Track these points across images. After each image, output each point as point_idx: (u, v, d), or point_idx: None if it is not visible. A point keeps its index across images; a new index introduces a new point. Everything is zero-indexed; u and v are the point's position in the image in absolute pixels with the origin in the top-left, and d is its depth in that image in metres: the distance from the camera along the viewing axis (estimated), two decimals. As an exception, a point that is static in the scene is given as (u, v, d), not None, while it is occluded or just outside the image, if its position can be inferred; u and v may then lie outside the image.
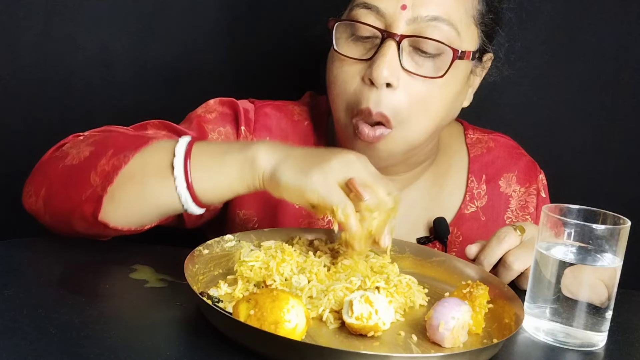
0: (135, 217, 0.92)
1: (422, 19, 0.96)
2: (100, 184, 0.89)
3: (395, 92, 0.98)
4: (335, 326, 0.80)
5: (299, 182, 0.84)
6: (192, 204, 0.89)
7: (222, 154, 0.90)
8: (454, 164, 1.17)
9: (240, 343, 0.73)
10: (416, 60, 0.98)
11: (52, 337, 0.72)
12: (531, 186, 1.18)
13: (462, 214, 1.15)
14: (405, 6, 0.96)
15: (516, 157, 1.20)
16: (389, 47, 0.96)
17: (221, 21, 1.39)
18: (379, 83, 0.96)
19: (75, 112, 1.39)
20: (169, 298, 0.84)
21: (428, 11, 0.96)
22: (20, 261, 0.92)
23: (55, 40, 1.36)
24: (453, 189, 1.16)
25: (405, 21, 0.96)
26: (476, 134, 1.21)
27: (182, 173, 0.88)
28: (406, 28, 0.96)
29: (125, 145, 0.92)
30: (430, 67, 0.98)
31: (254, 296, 0.75)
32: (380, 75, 0.96)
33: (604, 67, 1.42)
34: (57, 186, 0.94)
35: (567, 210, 0.86)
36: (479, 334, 0.82)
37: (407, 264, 0.99)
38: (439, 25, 0.96)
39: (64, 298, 0.81)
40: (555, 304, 0.84)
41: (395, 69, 0.97)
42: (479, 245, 0.97)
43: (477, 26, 1.02)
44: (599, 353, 0.84)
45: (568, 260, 0.83)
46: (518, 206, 1.17)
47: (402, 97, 0.98)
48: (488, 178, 1.17)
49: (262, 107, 1.14)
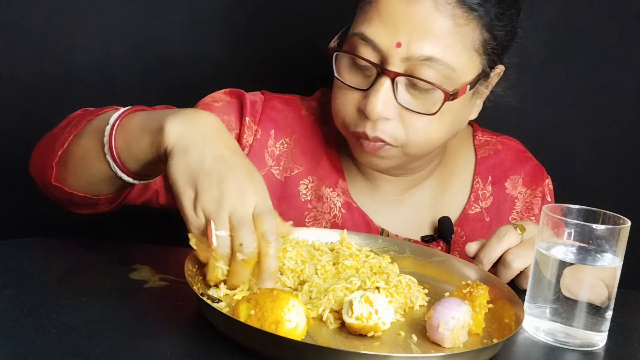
0: (84, 182, 0.94)
1: (415, 58, 0.96)
2: (57, 150, 0.94)
3: (390, 123, 0.99)
4: (336, 326, 0.80)
5: (177, 188, 0.80)
6: (121, 172, 0.90)
7: (145, 122, 0.88)
8: (460, 165, 1.18)
9: (240, 343, 0.73)
10: (411, 93, 0.99)
11: (52, 337, 0.72)
12: (537, 189, 1.19)
13: (467, 214, 1.15)
14: (400, 44, 0.96)
15: (523, 160, 1.20)
16: (383, 82, 0.97)
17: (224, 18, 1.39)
18: (372, 117, 0.98)
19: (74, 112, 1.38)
20: (169, 298, 0.84)
21: (422, 51, 0.96)
22: (20, 261, 0.92)
23: (55, 40, 1.36)
24: (458, 190, 1.17)
25: (400, 58, 0.96)
26: (485, 136, 1.21)
27: (108, 141, 0.89)
28: (401, 65, 0.97)
29: (86, 115, 0.97)
30: (425, 100, 0.99)
31: (254, 296, 0.75)
32: (374, 110, 0.97)
33: (604, 68, 1.42)
34: (38, 152, 1.02)
35: (567, 210, 0.86)
36: (479, 334, 0.82)
37: (407, 264, 0.99)
38: (433, 65, 0.96)
39: (64, 298, 0.81)
40: (555, 304, 0.84)
41: (390, 104, 0.98)
42: (478, 243, 0.97)
43: (480, 55, 1.01)
44: (599, 353, 0.84)
45: (568, 260, 0.83)
46: (523, 208, 1.18)
47: (398, 127, 0.99)
48: (494, 180, 1.17)
49: (270, 99, 1.14)
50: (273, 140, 1.12)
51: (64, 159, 0.94)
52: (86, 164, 0.92)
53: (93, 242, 0.99)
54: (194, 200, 0.79)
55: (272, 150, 1.12)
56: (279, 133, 1.12)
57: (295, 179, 1.12)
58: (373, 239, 1.02)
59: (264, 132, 1.11)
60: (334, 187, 1.13)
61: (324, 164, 1.13)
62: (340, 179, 1.13)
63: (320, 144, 1.14)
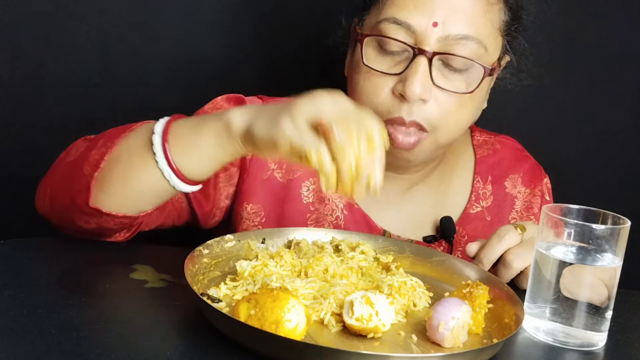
0: (126, 200, 0.92)
1: (452, 37, 0.97)
2: (90, 173, 0.91)
3: (427, 104, 0.99)
4: (337, 329, 0.80)
5: (270, 132, 0.81)
6: (177, 180, 0.89)
7: (199, 125, 0.89)
8: (460, 165, 1.18)
9: (240, 343, 0.73)
10: (445, 74, 1.00)
11: (52, 337, 0.72)
12: (536, 188, 1.19)
13: (468, 214, 1.16)
14: (436, 23, 0.97)
15: (522, 159, 1.21)
16: (421, 63, 0.97)
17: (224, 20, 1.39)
18: (412, 99, 0.98)
19: (75, 112, 1.39)
20: (169, 298, 0.84)
21: (459, 29, 0.97)
22: (20, 261, 0.92)
23: (54, 40, 1.36)
24: (459, 189, 1.17)
25: (436, 38, 0.97)
26: (483, 136, 1.22)
27: (161, 149, 0.88)
28: (436, 45, 0.98)
29: (115, 133, 0.94)
30: (458, 81, 1.00)
31: (254, 296, 0.75)
32: (414, 92, 0.97)
33: (603, 68, 1.42)
34: (58, 183, 0.97)
35: (567, 210, 0.86)
36: (479, 334, 0.82)
37: (407, 264, 0.99)
38: (468, 43, 0.98)
39: (64, 298, 0.81)
40: (555, 304, 0.84)
41: (427, 85, 0.98)
42: (479, 243, 0.97)
43: (502, 36, 1.03)
44: (598, 353, 0.84)
45: (568, 260, 0.83)
46: (523, 207, 1.18)
47: (434, 109, 1.00)
48: (494, 179, 1.18)
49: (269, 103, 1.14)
50: None
51: (99, 181, 0.91)
52: (129, 179, 0.90)
53: (93, 242, 0.99)
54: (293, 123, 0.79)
55: None
56: None
57: (297, 181, 1.12)
58: (373, 239, 1.02)
59: None
60: None
61: None
62: None
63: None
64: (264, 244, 0.97)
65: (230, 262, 0.92)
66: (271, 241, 0.98)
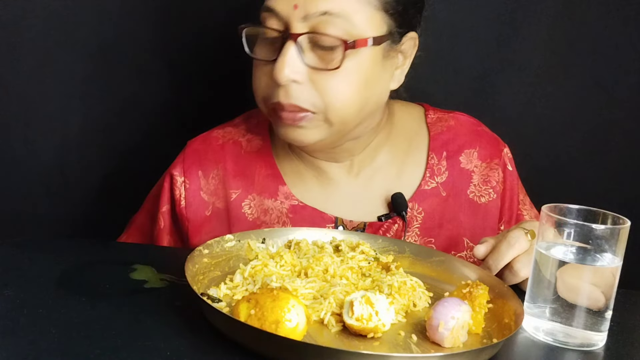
0: None
1: (313, 15, 0.99)
2: None
3: (302, 86, 1.00)
4: (337, 329, 0.80)
5: None
6: None
7: None
8: (414, 144, 1.19)
9: (240, 343, 0.73)
10: (318, 54, 1.01)
11: (52, 337, 0.72)
12: (493, 161, 1.19)
13: (423, 190, 1.16)
14: (296, 5, 0.99)
15: (477, 133, 1.21)
16: (289, 46, 0.99)
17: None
18: (281, 82, 0.99)
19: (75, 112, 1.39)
20: (169, 298, 0.84)
21: (317, 7, 0.99)
22: (20, 261, 0.92)
23: (54, 40, 1.36)
24: (414, 167, 1.18)
25: (299, 19, 0.99)
26: (437, 114, 1.22)
27: None
28: (302, 25, 0.99)
29: None
30: (332, 60, 1.01)
31: (254, 296, 0.75)
32: (281, 75, 0.99)
33: (603, 67, 1.42)
34: None
35: (566, 210, 0.86)
36: (479, 333, 0.82)
37: (407, 264, 0.99)
38: (331, 20, 0.99)
39: (64, 298, 0.82)
40: (555, 304, 0.84)
41: (298, 66, 0.99)
42: (487, 245, 0.96)
43: (383, 12, 1.03)
44: (598, 353, 0.84)
45: (568, 260, 0.83)
46: (480, 180, 1.18)
47: (312, 92, 1.01)
48: (449, 154, 1.18)
49: (190, 144, 1.17)
50: (204, 179, 1.14)
51: None
52: None
53: (93, 242, 1.00)
54: None
55: (207, 188, 1.14)
56: (206, 171, 1.14)
57: (237, 202, 1.13)
58: (373, 239, 1.02)
59: (192, 179, 1.13)
60: (275, 197, 1.13)
61: (258, 177, 1.14)
62: (280, 185, 1.14)
63: (251, 160, 1.15)
64: (264, 244, 0.97)
65: (231, 262, 0.92)
66: (271, 241, 0.98)
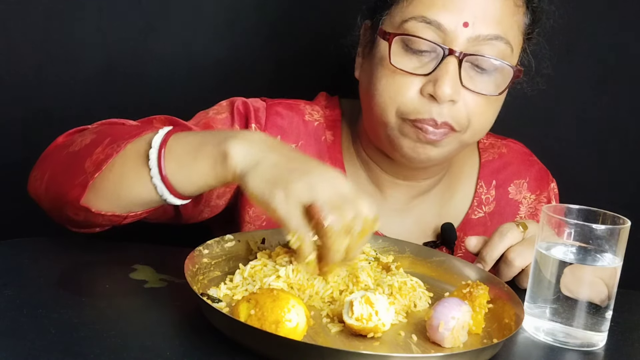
0: (117, 203, 0.91)
1: (483, 37, 0.97)
2: (91, 172, 0.89)
3: (456, 106, 0.98)
4: (337, 329, 0.80)
5: (263, 196, 0.81)
6: (169, 195, 0.88)
7: (197, 146, 0.87)
8: (465, 169, 1.17)
9: (240, 343, 0.73)
10: (471, 76, 0.99)
11: (52, 337, 0.72)
12: (542, 194, 1.18)
13: (469, 219, 1.15)
14: (467, 23, 0.96)
15: (528, 164, 1.19)
16: (451, 63, 0.96)
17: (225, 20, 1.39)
18: (443, 100, 0.97)
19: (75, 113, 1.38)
20: (169, 298, 0.84)
21: (489, 30, 0.97)
22: (20, 261, 0.92)
23: (54, 40, 1.36)
24: (463, 195, 1.16)
25: (466, 38, 0.97)
26: (489, 139, 1.20)
27: (156, 164, 0.87)
28: (465, 45, 0.97)
29: (121, 135, 0.92)
30: (485, 82, 0.99)
31: (254, 296, 0.75)
32: (445, 93, 0.96)
33: (603, 67, 1.42)
34: (58, 171, 0.94)
35: (567, 210, 0.86)
36: (479, 334, 0.82)
37: (407, 264, 0.99)
38: (497, 44, 0.97)
39: (64, 298, 0.81)
40: (555, 304, 0.84)
41: (457, 86, 0.97)
42: (480, 239, 0.97)
43: (524, 39, 1.03)
44: (598, 353, 0.84)
45: (568, 260, 0.83)
46: (527, 213, 1.17)
47: (462, 110, 0.99)
48: (498, 184, 1.17)
49: (273, 105, 1.13)
50: None
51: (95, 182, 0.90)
52: (123, 187, 0.89)
53: (93, 242, 0.99)
54: (285, 199, 0.79)
55: None
56: (285, 139, 1.11)
57: None
58: (373, 239, 1.02)
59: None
60: None
61: None
62: None
63: (325, 151, 1.13)
64: (264, 244, 0.97)
65: (231, 262, 0.92)
66: (271, 241, 0.98)
